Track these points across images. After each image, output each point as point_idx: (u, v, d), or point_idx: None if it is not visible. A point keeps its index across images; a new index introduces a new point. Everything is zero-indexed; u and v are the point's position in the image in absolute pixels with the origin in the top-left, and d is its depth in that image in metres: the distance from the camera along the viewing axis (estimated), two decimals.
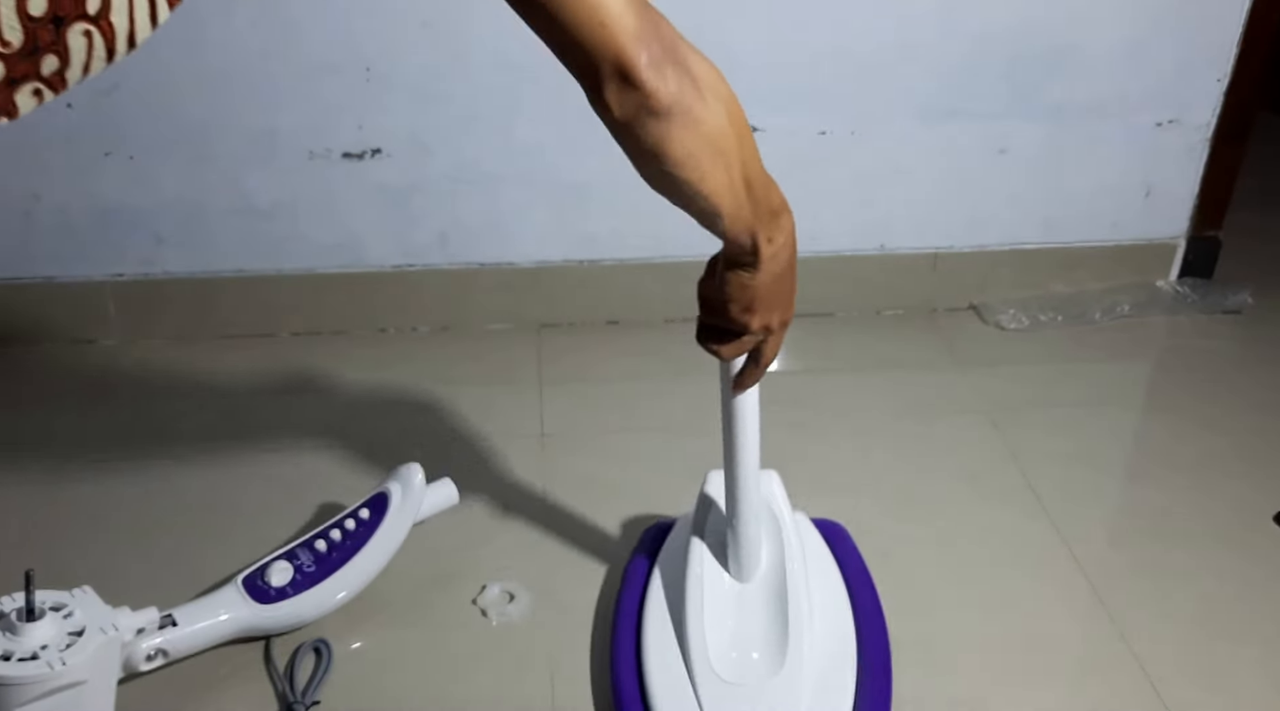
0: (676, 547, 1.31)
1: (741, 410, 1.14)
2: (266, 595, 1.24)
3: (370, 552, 1.30)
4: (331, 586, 1.27)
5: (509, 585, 1.38)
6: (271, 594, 1.25)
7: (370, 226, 1.83)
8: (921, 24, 1.76)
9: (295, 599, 1.25)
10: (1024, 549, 1.46)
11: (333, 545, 1.29)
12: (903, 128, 1.85)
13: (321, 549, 1.29)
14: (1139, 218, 2.00)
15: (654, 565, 1.32)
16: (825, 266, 1.95)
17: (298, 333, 1.88)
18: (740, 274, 0.97)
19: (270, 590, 1.25)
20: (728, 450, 1.17)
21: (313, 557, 1.28)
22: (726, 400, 1.14)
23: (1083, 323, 1.98)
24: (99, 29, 0.64)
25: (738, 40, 1.73)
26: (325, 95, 1.71)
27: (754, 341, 1.04)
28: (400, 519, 1.32)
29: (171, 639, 1.17)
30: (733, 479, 1.18)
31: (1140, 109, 1.89)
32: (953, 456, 1.64)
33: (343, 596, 1.27)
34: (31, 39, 0.61)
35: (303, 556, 1.28)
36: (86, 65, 0.65)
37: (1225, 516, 1.52)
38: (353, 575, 1.28)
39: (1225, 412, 1.75)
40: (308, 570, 1.27)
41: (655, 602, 1.26)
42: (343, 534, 1.30)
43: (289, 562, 1.27)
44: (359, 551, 1.29)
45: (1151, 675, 1.27)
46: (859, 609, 1.27)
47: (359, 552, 1.29)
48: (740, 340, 1.03)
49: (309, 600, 1.26)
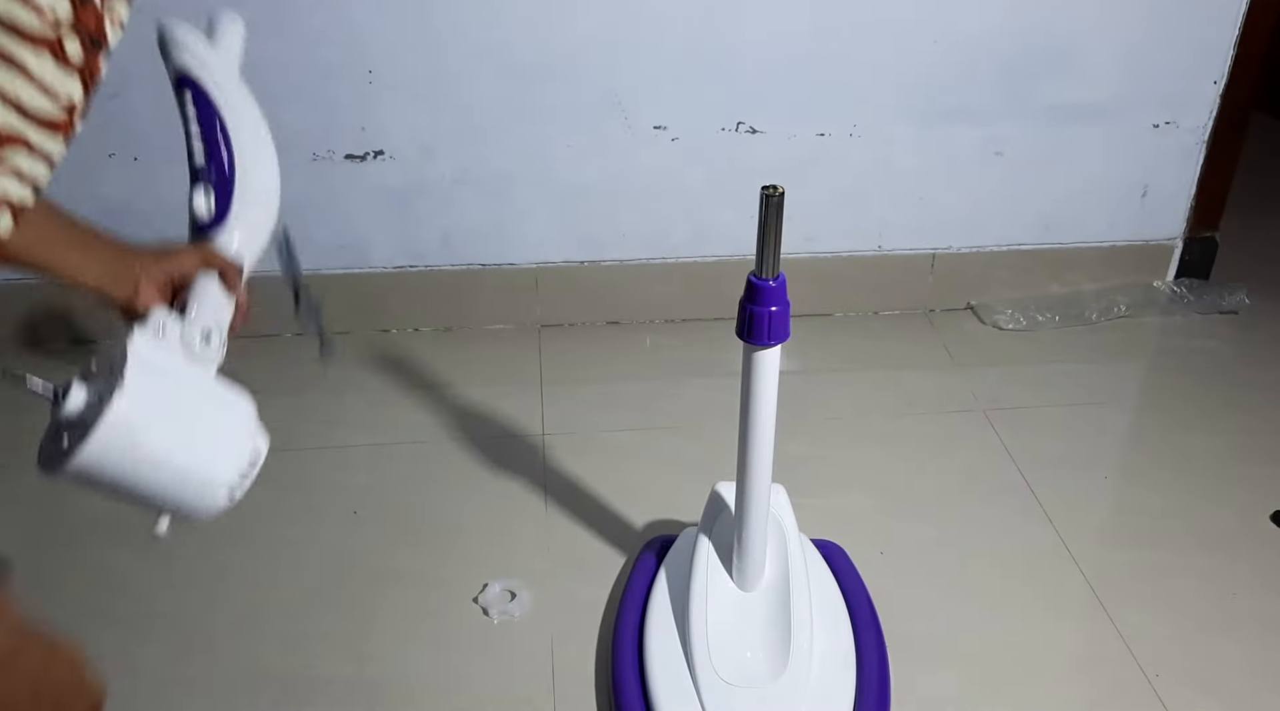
0: (682, 554, 1.32)
1: (757, 428, 1.14)
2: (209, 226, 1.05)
3: (236, 119, 1.09)
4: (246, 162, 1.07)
5: (510, 583, 1.39)
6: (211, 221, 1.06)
7: (373, 228, 1.84)
8: (920, 27, 1.76)
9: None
10: (1022, 547, 1.47)
11: (206, 145, 1.08)
12: (901, 130, 1.86)
13: (201, 161, 1.07)
14: (1135, 219, 2.01)
15: (659, 569, 1.33)
16: (823, 267, 1.97)
17: (299, 333, 1.89)
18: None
19: (207, 221, 1.06)
20: (741, 463, 1.17)
21: (210, 169, 1.08)
22: (745, 418, 1.14)
23: (1080, 323, 1.99)
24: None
25: (738, 43, 1.74)
26: (328, 98, 1.72)
27: None
28: (221, 77, 1.08)
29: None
30: (743, 491, 1.19)
31: (1137, 111, 1.89)
32: (950, 455, 1.65)
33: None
34: None
35: (202, 177, 1.08)
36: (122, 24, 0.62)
37: (1223, 515, 1.53)
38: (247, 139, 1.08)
39: (1222, 412, 1.76)
40: (220, 177, 1.07)
41: (659, 605, 1.27)
42: (202, 138, 1.08)
43: (201, 190, 1.07)
44: (227, 128, 1.08)
45: (1148, 672, 1.28)
46: (857, 620, 1.28)
47: (229, 128, 1.08)
48: None
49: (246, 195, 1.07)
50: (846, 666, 1.22)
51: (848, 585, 1.33)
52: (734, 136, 1.82)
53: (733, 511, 1.23)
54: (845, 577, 1.35)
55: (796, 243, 1.94)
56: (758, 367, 1.09)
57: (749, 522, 1.20)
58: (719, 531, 1.28)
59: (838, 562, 1.38)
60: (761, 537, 1.23)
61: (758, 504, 1.19)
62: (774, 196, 0.99)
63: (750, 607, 1.24)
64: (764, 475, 1.17)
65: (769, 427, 1.14)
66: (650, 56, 1.74)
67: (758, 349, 1.07)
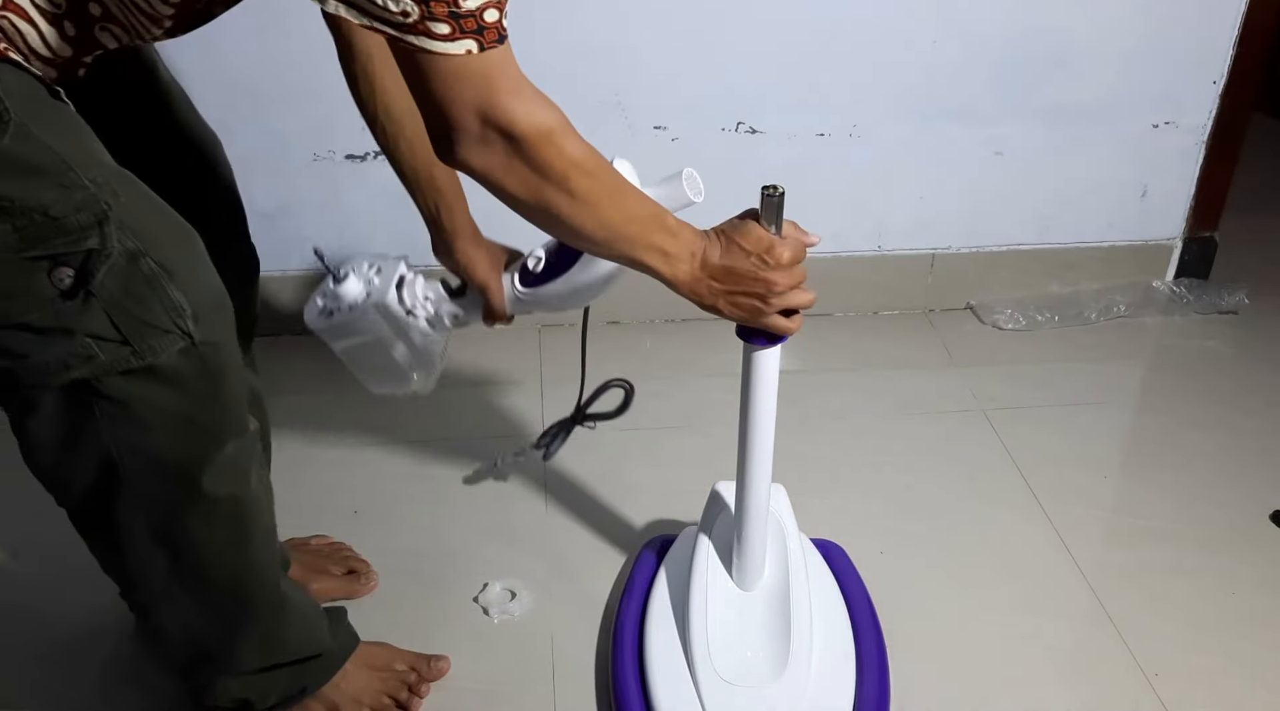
0: (682, 554, 1.32)
1: (757, 428, 1.14)
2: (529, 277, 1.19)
3: None
4: None
5: (510, 582, 1.39)
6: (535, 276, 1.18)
7: (373, 227, 1.83)
8: (919, 27, 1.77)
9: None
10: (1021, 547, 1.47)
11: None
12: (900, 129, 1.86)
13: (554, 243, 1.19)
14: (1135, 218, 2.01)
15: (659, 568, 1.33)
16: (823, 267, 1.95)
17: (299, 332, 1.88)
18: None
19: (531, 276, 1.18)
20: (741, 463, 1.17)
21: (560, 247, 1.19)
22: (745, 418, 1.14)
23: (1079, 323, 1.99)
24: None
25: (739, 42, 1.74)
26: (328, 98, 1.71)
27: None
28: None
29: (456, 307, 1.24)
30: (743, 490, 1.19)
31: (1136, 111, 1.90)
32: (950, 455, 1.65)
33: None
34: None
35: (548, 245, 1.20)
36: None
37: (1222, 515, 1.54)
38: None
39: (1222, 412, 1.76)
40: (564, 254, 1.18)
41: (659, 604, 1.27)
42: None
43: (542, 249, 1.20)
44: None
45: (1147, 672, 1.28)
46: (857, 619, 1.28)
47: None
48: None
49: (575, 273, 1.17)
50: (846, 665, 1.22)
51: (848, 585, 1.33)
52: (734, 136, 1.82)
53: (732, 511, 1.23)
54: (845, 577, 1.35)
55: None
56: (757, 368, 1.09)
57: (749, 522, 1.20)
58: (719, 531, 1.28)
59: (838, 562, 1.37)
60: (762, 537, 1.23)
61: (757, 503, 1.19)
62: (774, 196, 0.99)
63: (750, 607, 1.24)
64: (764, 475, 1.17)
65: (769, 428, 1.14)
66: (651, 56, 1.74)
67: (757, 349, 1.07)
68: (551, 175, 0.84)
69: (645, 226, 0.94)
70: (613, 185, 0.91)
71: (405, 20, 0.75)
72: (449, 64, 0.77)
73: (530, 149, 0.82)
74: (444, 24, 0.75)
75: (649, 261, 0.95)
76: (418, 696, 1.21)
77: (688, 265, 0.97)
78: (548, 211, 0.87)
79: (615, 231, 0.92)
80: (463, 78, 0.79)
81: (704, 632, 1.20)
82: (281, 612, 1.09)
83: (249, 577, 1.04)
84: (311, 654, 1.14)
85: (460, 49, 0.77)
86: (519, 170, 0.84)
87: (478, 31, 0.77)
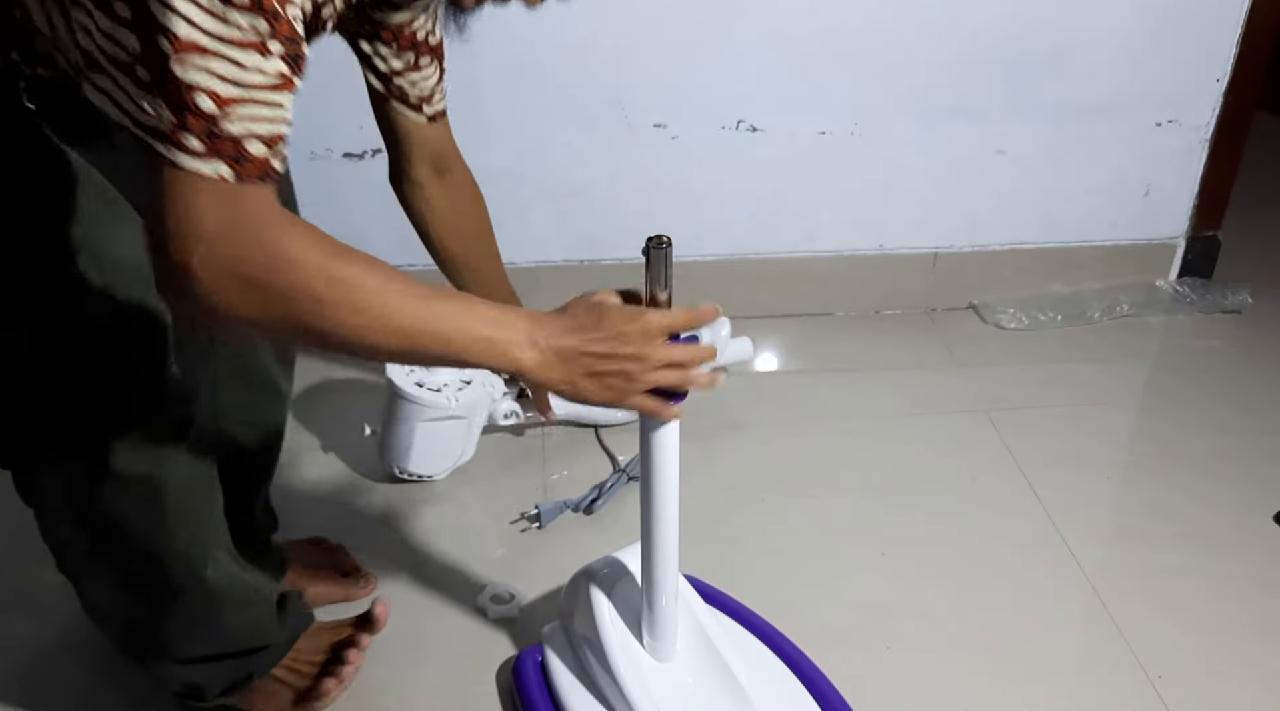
0: (569, 651, 1.20)
1: (660, 504, 1.04)
2: None
3: None
4: None
5: (510, 583, 1.38)
6: None
7: (371, 226, 1.83)
8: (921, 25, 1.76)
9: None
10: (1023, 548, 1.47)
11: None
12: (902, 128, 1.85)
13: None
14: (1138, 217, 2.01)
15: (548, 667, 1.20)
16: (824, 266, 1.96)
17: None
18: None
19: None
20: (646, 529, 1.07)
21: None
22: (648, 482, 1.03)
23: (1082, 322, 1.98)
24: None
25: (739, 40, 1.74)
26: (326, 96, 1.71)
27: None
28: None
29: (521, 407, 1.54)
30: (651, 557, 1.07)
31: (1139, 109, 1.89)
32: (952, 455, 1.64)
33: None
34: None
35: None
36: None
37: (1225, 515, 1.53)
38: None
39: (1225, 412, 1.75)
40: None
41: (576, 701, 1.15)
42: None
43: None
44: None
45: (1150, 674, 1.28)
46: (774, 645, 1.22)
47: None
48: None
49: None
50: (797, 692, 1.17)
51: (736, 614, 1.26)
52: (734, 134, 1.81)
53: (626, 586, 1.15)
54: (728, 605, 1.27)
55: (797, 241, 1.93)
56: (657, 434, 0.97)
57: (660, 589, 1.09)
58: (620, 604, 1.16)
59: (707, 593, 1.25)
60: (674, 602, 1.12)
61: (668, 567, 1.08)
62: (661, 247, 0.89)
63: (672, 676, 1.13)
64: (672, 534, 1.07)
65: (673, 502, 1.04)
66: (650, 54, 1.73)
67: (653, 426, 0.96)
68: (309, 296, 0.76)
69: (458, 322, 0.85)
70: (398, 290, 0.83)
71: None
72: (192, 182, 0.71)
73: (277, 276, 0.75)
74: (197, 140, 0.70)
75: (479, 358, 0.85)
76: (355, 647, 1.23)
77: (530, 351, 0.87)
78: (320, 333, 0.79)
79: (414, 338, 0.82)
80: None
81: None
82: (214, 601, 1.06)
83: (172, 561, 1.02)
84: (257, 646, 1.15)
85: (210, 170, 0.71)
86: (262, 298, 0.75)
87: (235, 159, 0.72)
